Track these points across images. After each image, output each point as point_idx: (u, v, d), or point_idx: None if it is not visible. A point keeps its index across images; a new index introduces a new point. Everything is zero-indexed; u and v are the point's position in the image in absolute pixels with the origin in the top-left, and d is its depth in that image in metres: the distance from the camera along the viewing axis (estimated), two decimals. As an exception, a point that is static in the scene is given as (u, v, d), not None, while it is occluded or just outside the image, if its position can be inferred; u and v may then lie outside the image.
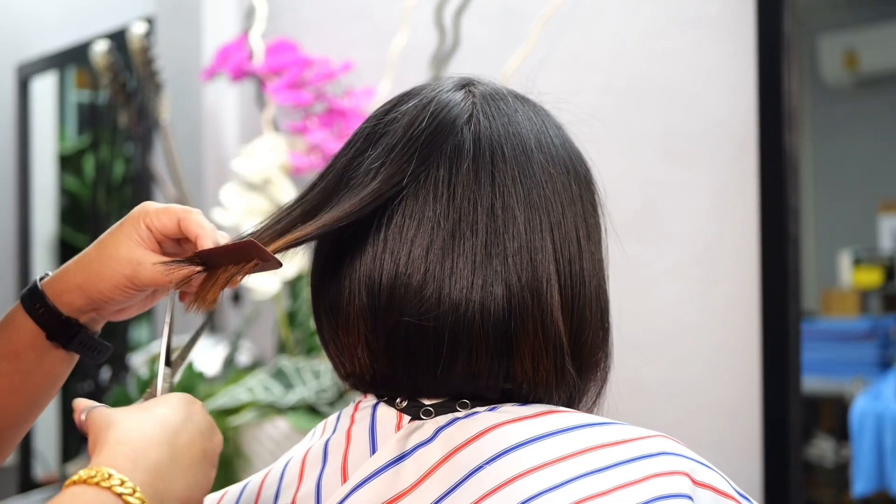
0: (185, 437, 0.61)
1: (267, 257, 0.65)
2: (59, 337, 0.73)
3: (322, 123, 1.75)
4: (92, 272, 0.71)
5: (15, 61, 2.79)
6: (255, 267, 0.66)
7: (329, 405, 1.61)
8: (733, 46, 1.47)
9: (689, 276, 1.51)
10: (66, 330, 0.73)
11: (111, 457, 0.57)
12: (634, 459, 0.60)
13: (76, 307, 0.72)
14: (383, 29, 1.83)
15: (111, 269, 0.70)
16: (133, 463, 0.57)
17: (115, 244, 0.71)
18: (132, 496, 0.55)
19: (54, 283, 0.73)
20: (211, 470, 0.63)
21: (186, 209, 0.72)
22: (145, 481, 0.56)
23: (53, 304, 0.72)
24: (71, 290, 0.72)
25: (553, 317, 0.64)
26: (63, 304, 0.72)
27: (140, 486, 0.56)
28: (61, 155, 2.84)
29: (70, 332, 0.73)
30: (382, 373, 0.66)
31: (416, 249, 0.64)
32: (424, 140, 0.66)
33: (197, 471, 0.61)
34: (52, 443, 2.72)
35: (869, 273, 2.70)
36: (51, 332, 0.73)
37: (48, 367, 0.74)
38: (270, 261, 0.65)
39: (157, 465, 0.58)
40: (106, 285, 0.71)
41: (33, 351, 0.73)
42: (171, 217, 0.71)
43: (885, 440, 2.26)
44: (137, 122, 2.10)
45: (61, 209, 2.80)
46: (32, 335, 0.73)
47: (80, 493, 0.55)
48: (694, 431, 1.48)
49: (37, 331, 0.73)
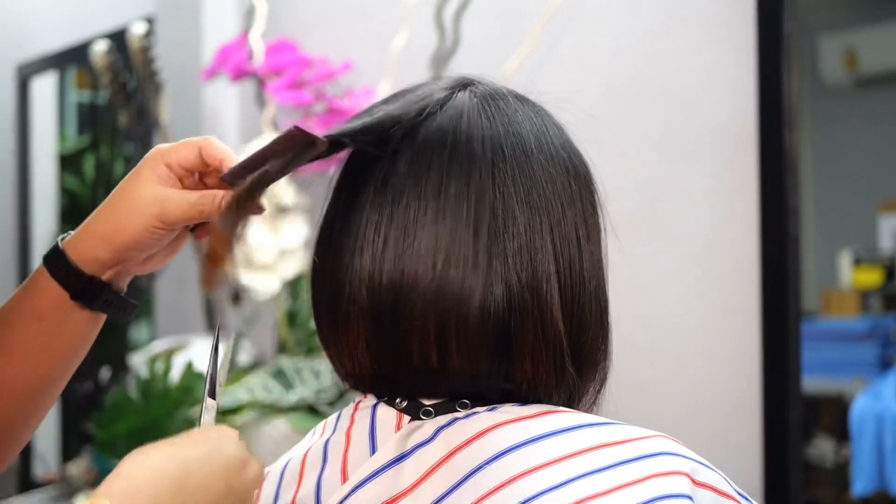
0: (202, 472, 0.59)
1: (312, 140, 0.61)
2: (83, 296, 0.72)
3: (322, 123, 1.75)
4: (119, 218, 0.70)
5: (15, 61, 2.79)
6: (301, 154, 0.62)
7: (329, 405, 1.61)
8: (733, 46, 1.47)
9: (689, 276, 1.51)
10: (90, 289, 0.72)
11: (109, 487, 0.56)
12: (634, 459, 0.60)
13: (101, 262, 0.71)
14: (383, 29, 1.83)
15: (137, 212, 0.69)
16: (131, 496, 0.55)
17: (136, 188, 0.70)
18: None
19: (77, 240, 0.71)
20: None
21: (203, 138, 0.71)
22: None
23: (76, 264, 0.71)
24: (95, 245, 0.70)
25: (553, 317, 0.64)
26: (87, 261, 0.71)
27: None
28: (61, 155, 2.85)
29: (94, 290, 0.72)
30: (382, 373, 0.66)
31: (416, 249, 0.64)
32: (423, 139, 0.66)
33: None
34: (52, 443, 2.72)
35: (869, 273, 2.70)
36: (74, 292, 0.71)
37: (73, 328, 0.73)
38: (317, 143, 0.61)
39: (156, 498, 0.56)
40: (135, 229, 0.70)
41: (57, 312, 0.72)
42: (190, 149, 0.70)
43: (885, 440, 2.26)
44: (137, 122, 2.10)
45: (61, 209, 2.80)
46: (56, 296, 0.71)
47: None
48: (694, 431, 1.48)
49: (60, 291, 0.71)
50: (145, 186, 0.70)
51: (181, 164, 0.71)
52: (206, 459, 0.59)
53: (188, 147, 0.70)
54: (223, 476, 0.60)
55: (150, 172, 0.70)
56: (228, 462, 0.60)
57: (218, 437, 0.62)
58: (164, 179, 0.70)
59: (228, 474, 0.60)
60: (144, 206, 0.69)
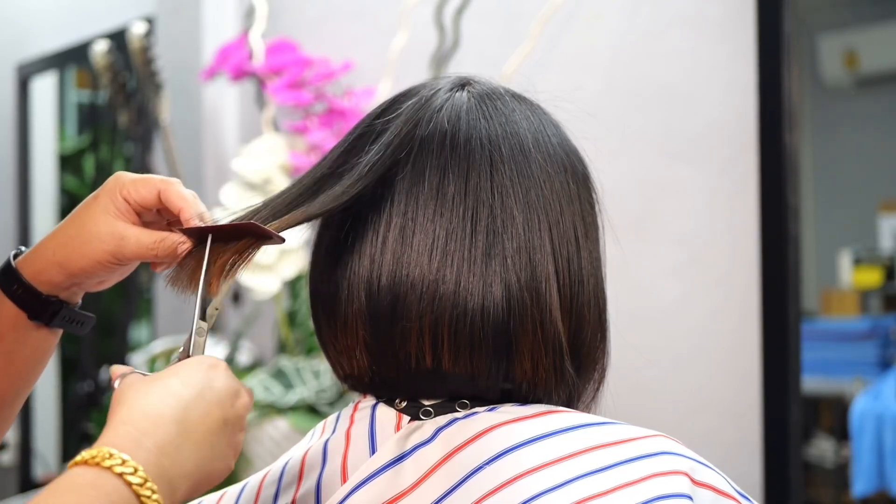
0: (198, 410, 0.59)
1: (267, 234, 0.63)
2: (41, 316, 0.71)
3: (322, 123, 1.75)
4: (72, 249, 0.69)
5: (15, 61, 2.79)
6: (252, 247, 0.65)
7: (329, 405, 1.61)
8: (733, 46, 1.47)
9: (689, 276, 1.51)
10: (47, 308, 0.71)
11: (114, 436, 0.56)
12: (634, 459, 0.60)
13: (55, 284, 0.70)
14: (383, 29, 1.83)
15: (92, 246, 0.68)
16: (135, 442, 0.56)
17: (94, 219, 0.69)
18: (133, 475, 0.54)
19: (31, 261, 0.70)
20: (235, 435, 0.61)
21: (165, 180, 0.70)
22: (149, 460, 0.55)
23: (32, 284, 0.70)
24: (50, 269, 0.69)
25: (552, 316, 0.64)
26: (42, 282, 0.70)
27: (143, 465, 0.55)
28: (61, 155, 2.85)
29: (52, 309, 0.71)
30: (381, 374, 0.66)
31: (415, 251, 0.64)
32: (421, 140, 0.66)
33: (215, 441, 0.59)
34: (52, 443, 2.72)
35: (869, 273, 2.70)
36: (32, 312, 0.71)
37: (32, 346, 0.73)
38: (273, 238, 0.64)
39: (163, 443, 0.56)
40: (88, 261, 0.69)
41: (15, 332, 0.71)
42: (149, 189, 0.69)
43: (885, 440, 2.26)
44: (137, 122, 2.10)
45: (61, 209, 2.80)
46: (13, 316, 0.70)
47: (81, 474, 0.54)
48: (694, 431, 1.48)
49: (17, 312, 0.70)
50: (103, 219, 0.69)
51: (139, 203, 0.69)
52: (201, 396, 0.60)
53: (147, 187, 0.69)
54: (218, 410, 0.60)
55: (108, 203, 0.69)
56: (220, 395, 0.61)
57: (206, 370, 0.62)
58: (122, 212, 0.69)
59: (223, 407, 0.61)
60: (100, 241, 0.68)
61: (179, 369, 0.61)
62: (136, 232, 0.69)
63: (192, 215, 0.68)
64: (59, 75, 2.83)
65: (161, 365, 1.80)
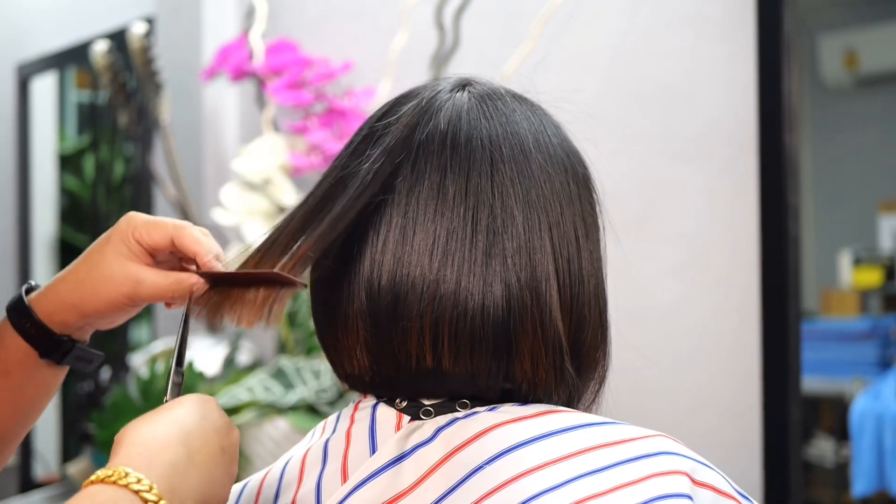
0: (200, 436, 0.61)
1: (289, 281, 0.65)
2: (52, 354, 0.71)
3: (322, 123, 1.75)
4: (87, 292, 0.69)
5: (15, 61, 2.78)
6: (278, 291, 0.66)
7: (329, 405, 1.61)
8: (733, 46, 1.47)
9: (689, 276, 1.51)
10: (59, 347, 0.71)
11: (126, 457, 0.58)
12: (634, 459, 0.60)
13: (69, 324, 0.70)
14: (383, 29, 1.83)
15: (107, 289, 0.68)
16: (148, 462, 0.58)
17: (107, 262, 0.69)
18: (149, 493, 0.56)
19: (44, 301, 0.70)
20: (231, 465, 0.64)
21: (177, 225, 0.69)
22: (161, 479, 0.57)
23: (44, 324, 0.70)
24: (63, 309, 0.69)
25: (552, 316, 0.64)
26: (56, 323, 0.70)
27: (156, 483, 0.57)
28: (61, 155, 2.84)
29: (64, 348, 0.71)
30: (382, 374, 0.66)
31: (415, 251, 0.64)
32: (422, 141, 0.66)
33: (214, 467, 0.62)
34: (52, 443, 2.72)
35: (869, 273, 2.70)
36: (43, 351, 0.71)
37: (39, 382, 0.73)
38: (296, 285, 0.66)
39: (173, 463, 0.58)
40: (102, 303, 0.69)
41: (24, 368, 0.71)
42: (162, 234, 0.69)
43: (885, 440, 2.26)
44: (137, 122, 2.10)
45: (61, 209, 2.80)
46: (23, 353, 0.70)
47: (98, 492, 0.56)
48: (694, 431, 1.48)
49: (27, 349, 0.70)
50: (117, 262, 0.68)
51: (152, 246, 0.69)
52: (200, 425, 0.62)
53: (160, 232, 0.69)
54: (216, 437, 0.63)
55: (121, 245, 0.69)
56: (217, 425, 0.63)
57: (202, 404, 0.64)
58: (136, 255, 0.69)
59: (220, 435, 0.63)
60: (114, 284, 0.68)
61: (178, 402, 0.64)
62: (152, 274, 0.69)
63: (209, 258, 0.68)
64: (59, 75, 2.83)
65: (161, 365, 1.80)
